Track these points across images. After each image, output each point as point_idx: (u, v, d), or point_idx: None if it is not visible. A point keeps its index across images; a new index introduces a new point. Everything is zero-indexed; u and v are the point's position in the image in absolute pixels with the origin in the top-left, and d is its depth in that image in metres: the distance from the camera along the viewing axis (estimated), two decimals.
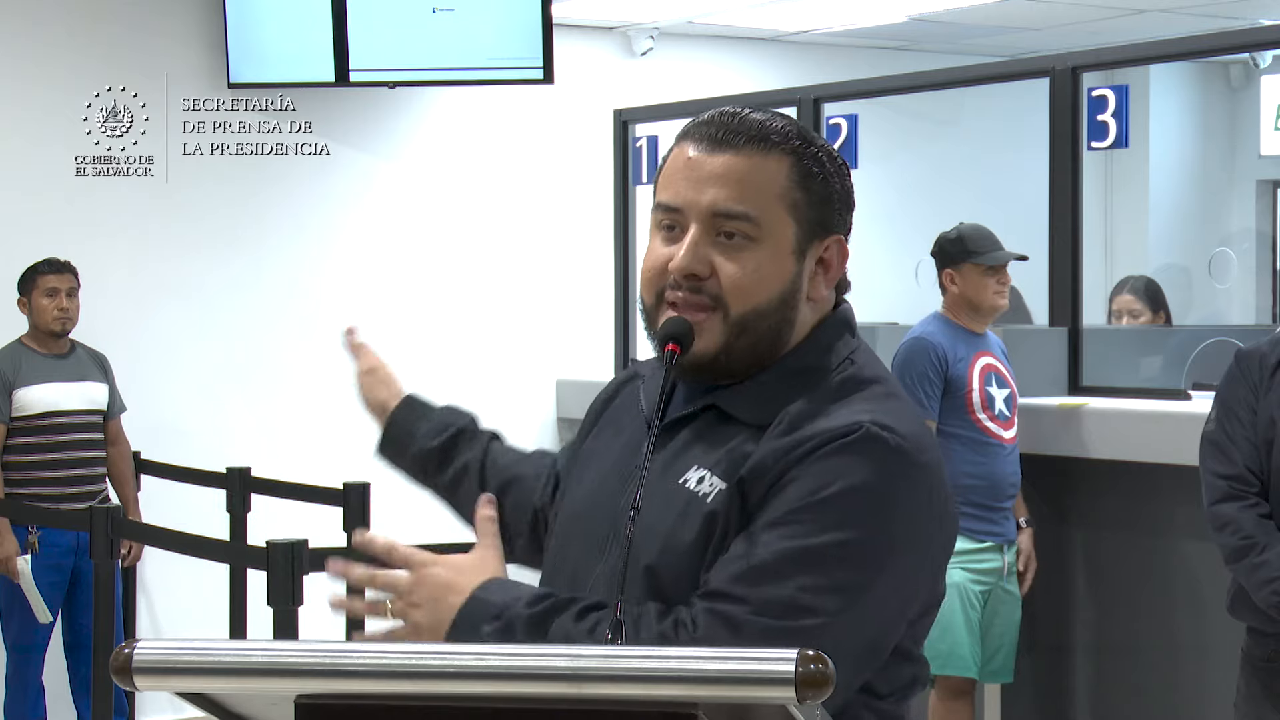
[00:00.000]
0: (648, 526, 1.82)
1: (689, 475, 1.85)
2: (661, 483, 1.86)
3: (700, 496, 1.83)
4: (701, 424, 1.89)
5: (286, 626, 4.16)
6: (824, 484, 1.75)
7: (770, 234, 1.86)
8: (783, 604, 1.72)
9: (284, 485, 6.26)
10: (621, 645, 1.75)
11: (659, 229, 1.90)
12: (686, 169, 1.88)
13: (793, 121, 1.92)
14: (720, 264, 1.85)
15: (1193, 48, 6.24)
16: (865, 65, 8.06)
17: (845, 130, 6.09)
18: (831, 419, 1.80)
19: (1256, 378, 3.73)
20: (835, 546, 1.73)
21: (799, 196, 1.87)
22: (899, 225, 8.03)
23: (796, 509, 1.75)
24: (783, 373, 1.88)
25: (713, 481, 1.82)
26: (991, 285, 5.14)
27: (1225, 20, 8.10)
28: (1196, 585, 4.93)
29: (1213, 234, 9.68)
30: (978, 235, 5.19)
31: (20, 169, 6.86)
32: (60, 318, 6.22)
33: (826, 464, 1.76)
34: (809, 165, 1.88)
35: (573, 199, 7.90)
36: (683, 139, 1.91)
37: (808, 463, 1.76)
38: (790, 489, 1.76)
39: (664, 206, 1.89)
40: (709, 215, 1.85)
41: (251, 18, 7.02)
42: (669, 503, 1.85)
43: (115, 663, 1.36)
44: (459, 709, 1.33)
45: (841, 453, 1.76)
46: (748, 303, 1.85)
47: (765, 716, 1.31)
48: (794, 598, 1.72)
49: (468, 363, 7.69)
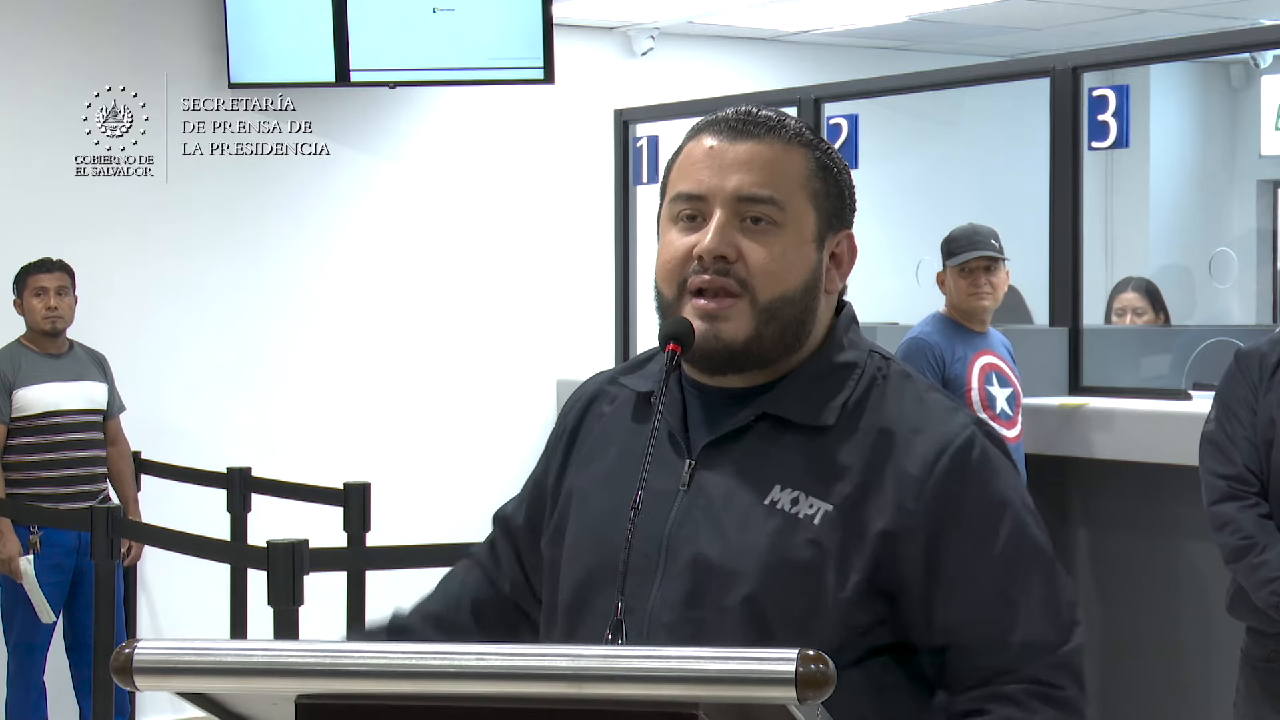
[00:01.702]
0: (730, 554, 1.77)
1: (777, 496, 1.79)
2: (734, 505, 1.80)
3: (802, 520, 1.77)
4: (757, 436, 1.83)
5: (286, 626, 4.15)
6: (997, 519, 1.77)
7: (794, 220, 1.85)
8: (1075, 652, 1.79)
9: (284, 485, 6.26)
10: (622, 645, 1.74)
11: (678, 220, 1.86)
12: (708, 158, 1.86)
13: (804, 122, 1.93)
14: (747, 248, 1.82)
15: (1193, 48, 6.24)
16: (865, 65, 8.06)
17: (845, 130, 6.09)
18: (928, 425, 1.80)
19: (1256, 377, 3.73)
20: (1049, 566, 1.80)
21: (818, 186, 1.87)
22: (899, 225, 8.03)
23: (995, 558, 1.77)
24: (822, 368, 1.86)
25: (811, 502, 1.77)
26: (965, 286, 5.08)
27: (1225, 20, 8.10)
28: (1197, 585, 4.93)
29: (1213, 234, 9.68)
30: (960, 235, 5.14)
31: (20, 169, 6.86)
32: (50, 316, 6.21)
33: (984, 493, 1.78)
34: (823, 158, 1.89)
35: (573, 199, 7.90)
36: (696, 134, 1.90)
37: (958, 493, 1.77)
38: (967, 540, 1.77)
39: (685, 196, 1.86)
40: (734, 200, 1.83)
41: (251, 18, 7.02)
42: (757, 527, 1.78)
43: (115, 663, 1.36)
44: (459, 709, 1.32)
45: (982, 470, 1.78)
46: (775, 288, 1.82)
47: (766, 716, 1.31)
48: (1074, 648, 1.78)
49: (468, 363, 7.69)
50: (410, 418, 7.55)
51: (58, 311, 6.22)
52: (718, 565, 1.78)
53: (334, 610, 5.28)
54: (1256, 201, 9.84)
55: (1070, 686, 1.75)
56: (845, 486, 1.78)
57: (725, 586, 1.78)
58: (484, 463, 7.49)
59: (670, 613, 1.79)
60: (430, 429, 7.58)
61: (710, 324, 1.82)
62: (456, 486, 7.48)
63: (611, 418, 1.96)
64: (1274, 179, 9.72)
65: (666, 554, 1.81)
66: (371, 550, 5.60)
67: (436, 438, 7.59)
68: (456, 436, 7.62)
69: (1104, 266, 9.25)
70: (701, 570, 1.79)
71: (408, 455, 7.48)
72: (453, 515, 7.27)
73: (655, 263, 1.90)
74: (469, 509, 7.04)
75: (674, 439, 1.86)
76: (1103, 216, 9.55)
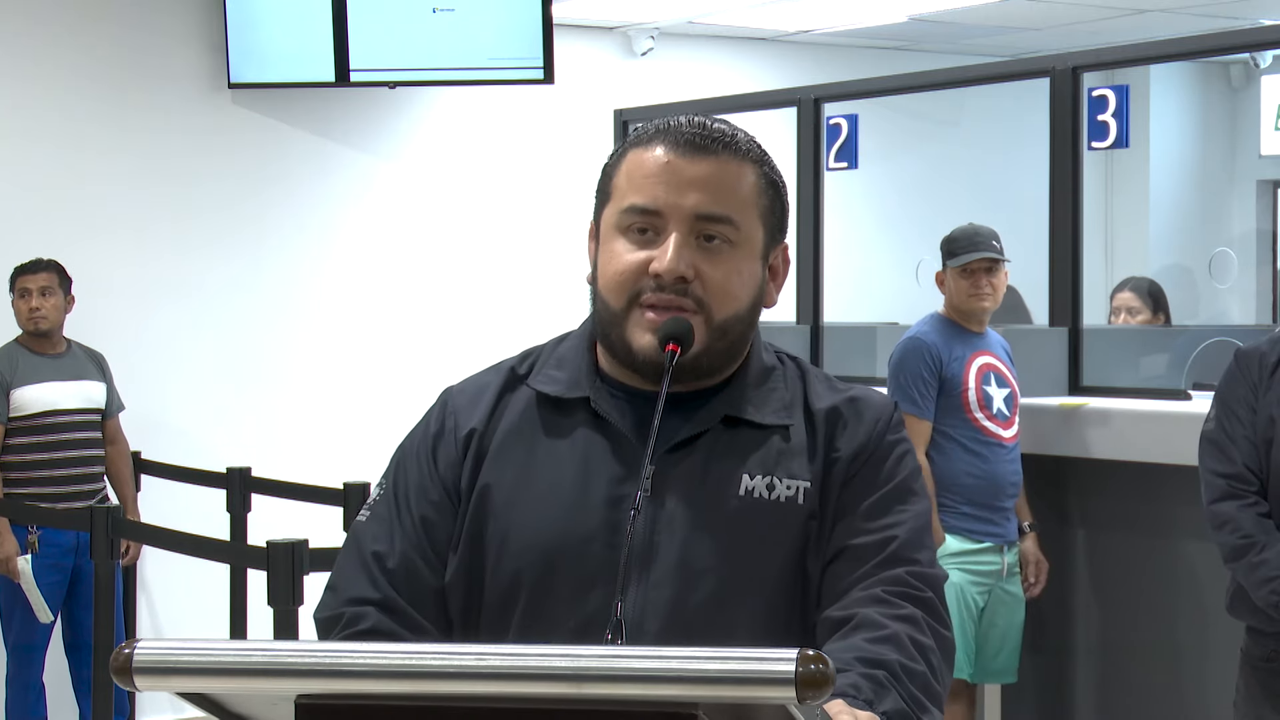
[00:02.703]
0: (721, 550, 1.81)
1: (749, 484, 1.85)
2: (707, 501, 1.84)
3: (785, 501, 1.84)
4: (712, 436, 1.87)
5: (286, 626, 4.16)
6: (898, 463, 1.91)
7: (746, 239, 1.87)
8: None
9: (284, 485, 6.26)
10: (622, 645, 1.74)
11: (627, 232, 1.87)
12: (665, 172, 1.86)
13: (750, 135, 1.94)
14: (703, 268, 1.84)
15: (1193, 48, 6.23)
16: (865, 65, 8.07)
17: (845, 130, 6.09)
18: (863, 400, 1.94)
19: (1256, 377, 3.73)
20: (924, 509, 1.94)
21: (765, 203, 1.89)
22: (899, 225, 8.04)
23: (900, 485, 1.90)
24: (760, 373, 1.93)
25: (788, 484, 1.85)
26: (966, 288, 5.10)
27: (1225, 20, 8.11)
28: (1197, 585, 4.93)
29: (1213, 234, 9.68)
30: (960, 236, 5.15)
31: (20, 169, 6.86)
32: (32, 318, 6.22)
33: (896, 447, 1.92)
34: (768, 173, 1.91)
35: (573, 199, 7.90)
36: (647, 143, 1.89)
37: (884, 446, 1.91)
38: (883, 469, 1.90)
39: (639, 209, 1.86)
40: (692, 219, 1.84)
41: (251, 18, 7.03)
42: (741, 517, 1.84)
43: (115, 663, 1.36)
44: (459, 709, 1.33)
45: (899, 429, 1.94)
46: (730, 307, 1.85)
47: (766, 716, 1.31)
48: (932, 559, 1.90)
49: (467, 362, 7.66)
50: (410, 418, 7.50)
51: (40, 312, 6.21)
52: (711, 564, 1.81)
53: None
54: (1256, 201, 9.84)
55: (933, 595, 1.83)
56: (814, 464, 1.87)
57: (723, 583, 1.80)
58: None
59: (658, 618, 1.80)
60: None
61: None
62: None
63: (517, 419, 1.93)
64: (1274, 179, 9.73)
65: (642, 561, 1.82)
66: None
67: None
68: None
69: (1104, 266, 9.26)
70: (692, 572, 1.81)
71: None
72: None
73: (597, 268, 1.90)
74: None
75: (622, 441, 1.86)
76: (1103, 216, 9.56)
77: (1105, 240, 9.61)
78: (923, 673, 1.74)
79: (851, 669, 1.70)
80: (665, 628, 1.79)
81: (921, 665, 1.75)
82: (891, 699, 1.69)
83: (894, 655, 1.73)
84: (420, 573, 1.89)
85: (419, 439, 2.00)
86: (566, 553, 1.83)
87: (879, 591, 1.80)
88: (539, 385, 1.94)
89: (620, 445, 1.86)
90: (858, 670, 1.70)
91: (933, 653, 1.78)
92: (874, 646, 1.73)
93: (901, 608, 1.78)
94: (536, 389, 1.94)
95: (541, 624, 1.82)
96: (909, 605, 1.79)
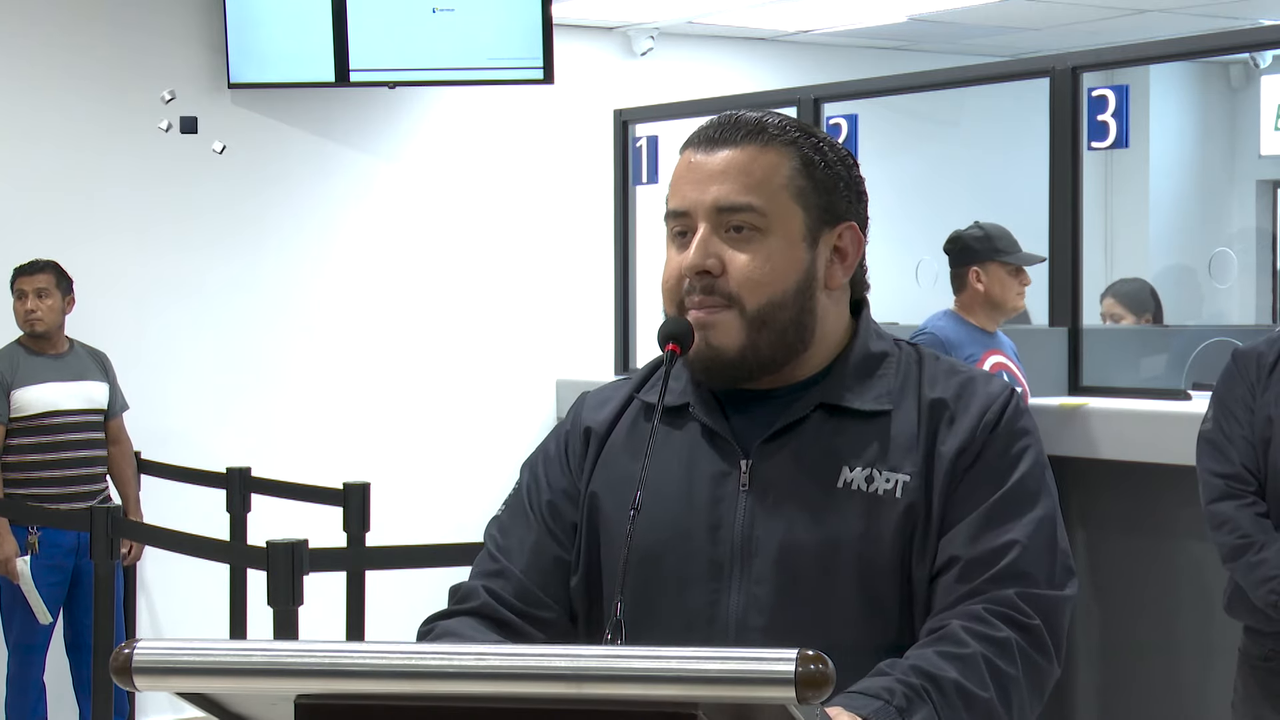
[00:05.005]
0: (821, 543, 1.80)
1: (848, 477, 1.83)
2: (806, 495, 1.83)
3: (884, 494, 1.81)
4: (811, 427, 1.86)
5: (286, 626, 4.15)
6: (1015, 463, 1.85)
7: (779, 223, 1.85)
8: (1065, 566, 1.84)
9: (284, 485, 6.26)
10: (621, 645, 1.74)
11: (673, 238, 1.90)
12: (689, 173, 1.88)
13: (792, 118, 1.92)
14: (730, 258, 1.84)
15: (1193, 48, 6.23)
16: (865, 65, 8.07)
17: (845, 130, 6.09)
18: (974, 388, 1.87)
19: (1254, 377, 3.73)
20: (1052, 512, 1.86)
21: (803, 184, 1.87)
22: (899, 225, 8.02)
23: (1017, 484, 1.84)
24: (861, 359, 1.90)
25: (888, 476, 1.82)
26: (1015, 285, 5.16)
27: (1225, 20, 8.10)
28: (1197, 585, 4.93)
29: (1213, 234, 9.68)
30: (1004, 235, 5.19)
31: (20, 169, 6.86)
32: (29, 319, 6.22)
33: (1010, 441, 1.85)
34: (809, 154, 1.88)
35: (573, 199, 7.90)
36: (684, 149, 1.91)
37: (995, 442, 1.84)
38: (995, 469, 1.84)
39: (674, 213, 1.89)
40: (714, 211, 1.85)
41: (251, 18, 7.03)
42: (841, 510, 1.82)
43: (115, 663, 1.36)
44: (459, 709, 1.33)
45: (1014, 422, 1.86)
46: (763, 295, 1.84)
47: (765, 716, 1.31)
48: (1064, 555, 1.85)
49: (468, 363, 7.70)
50: (410, 418, 7.55)
51: (36, 314, 6.22)
52: (811, 558, 1.81)
53: (334, 610, 5.29)
54: (1256, 201, 9.84)
55: (1041, 623, 1.77)
56: (916, 456, 1.83)
57: (825, 577, 1.80)
58: (484, 463, 7.49)
59: (762, 615, 1.81)
60: (430, 429, 7.58)
61: (702, 331, 1.85)
62: (456, 486, 7.48)
63: (629, 427, 1.96)
64: (1274, 179, 9.73)
65: (743, 556, 1.83)
66: (371, 550, 5.61)
67: (436, 438, 7.59)
68: (456, 436, 7.63)
69: (1104, 266, 9.25)
70: (793, 565, 1.81)
71: (407, 455, 7.48)
72: (452, 515, 7.28)
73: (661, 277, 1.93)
74: (468, 509, 7.05)
75: (718, 440, 1.88)
76: (1103, 216, 9.56)
77: (1105, 240, 9.61)
78: (986, 700, 1.71)
79: (893, 672, 1.69)
80: (770, 625, 1.80)
81: (988, 694, 1.71)
82: (925, 713, 1.66)
83: (954, 674, 1.70)
84: (546, 549, 1.93)
85: (553, 436, 2.04)
86: (670, 552, 1.86)
87: (980, 609, 1.76)
88: (646, 396, 1.97)
89: (716, 444, 1.88)
90: (897, 675, 1.68)
91: (1014, 683, 1.74)
92: (940, 660, 1.71)
93: (998, 630, 1.75)
94: (643, 399, 1.97)
95: (647, 621, 1.84)
96: (1007, 629, 1.75)
